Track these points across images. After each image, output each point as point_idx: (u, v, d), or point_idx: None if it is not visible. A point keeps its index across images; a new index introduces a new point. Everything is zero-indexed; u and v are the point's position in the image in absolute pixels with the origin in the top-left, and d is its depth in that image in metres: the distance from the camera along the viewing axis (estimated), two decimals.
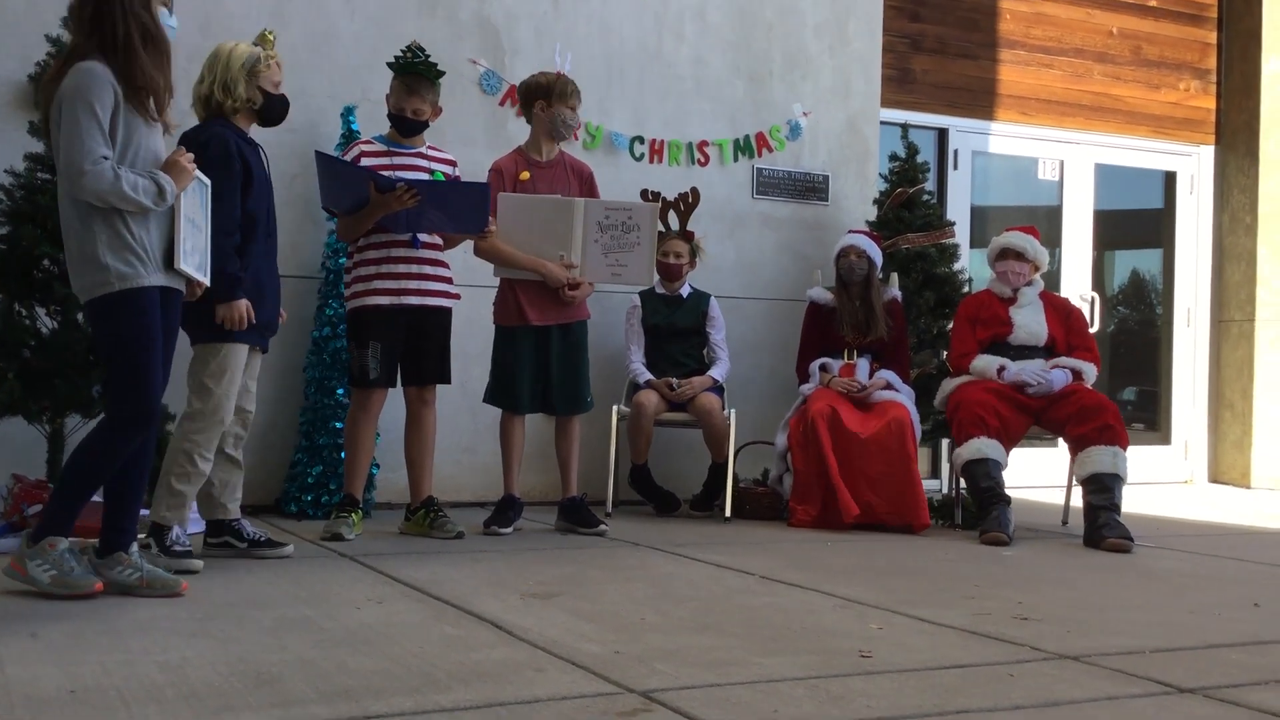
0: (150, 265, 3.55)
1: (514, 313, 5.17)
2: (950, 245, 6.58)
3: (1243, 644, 3.30)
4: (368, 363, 4.88)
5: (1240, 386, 8.48)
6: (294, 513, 5.44)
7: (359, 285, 4.94)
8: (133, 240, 3.51)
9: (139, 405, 3.54)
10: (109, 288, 3.50)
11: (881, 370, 5.88)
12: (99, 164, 3.42)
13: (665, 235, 6.07)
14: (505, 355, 5.21)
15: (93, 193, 3.44)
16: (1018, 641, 3.24)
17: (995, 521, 5.26)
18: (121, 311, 3.52)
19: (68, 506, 3.58)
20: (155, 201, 3.52)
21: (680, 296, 6.12)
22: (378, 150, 4.97)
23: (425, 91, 4.93)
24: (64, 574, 3.49)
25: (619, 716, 2.44)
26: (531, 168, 5.23)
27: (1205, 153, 8.68)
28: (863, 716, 2.48)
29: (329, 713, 2.41)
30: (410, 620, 3.35)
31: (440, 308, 5.00)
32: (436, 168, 5.00)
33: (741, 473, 6.06)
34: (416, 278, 4.93)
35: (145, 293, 3.54)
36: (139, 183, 3.48)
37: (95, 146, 3.42)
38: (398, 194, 4.66)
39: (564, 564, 4.42)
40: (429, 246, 4.96)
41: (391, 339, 4.90)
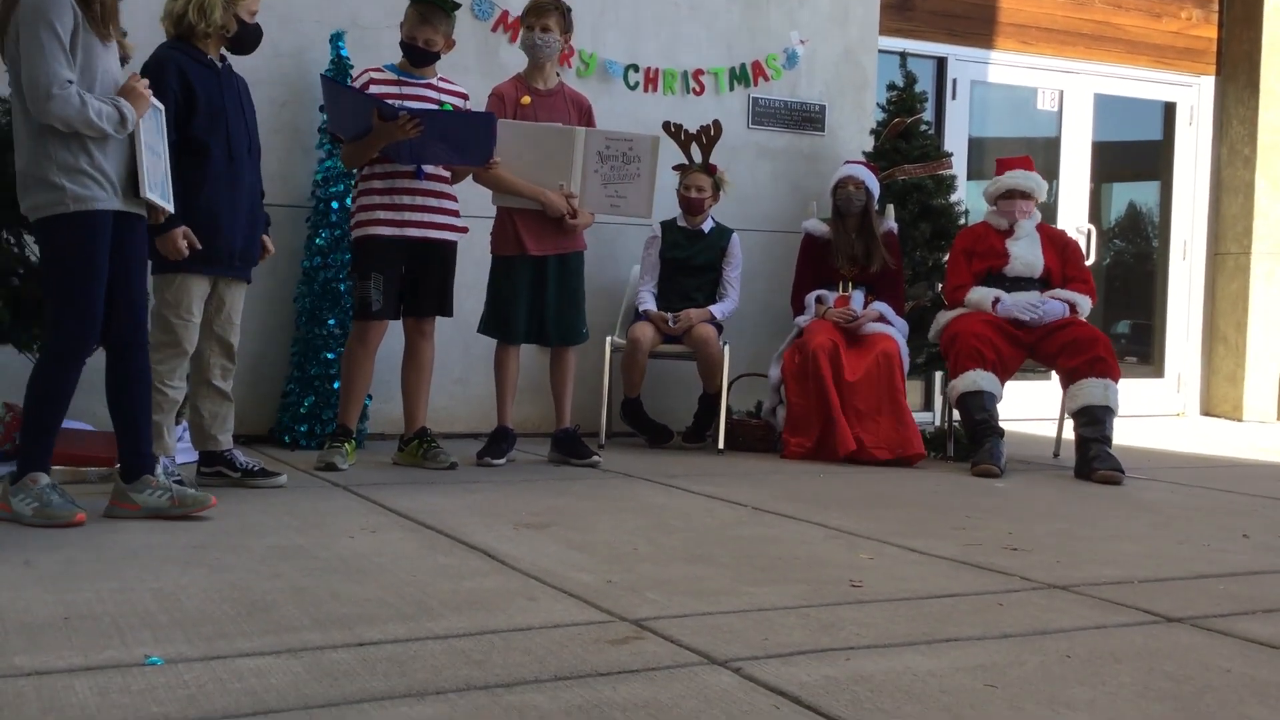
0: (108, 189, 3.52)
1: (512, 242, 5.13)
2: (947, 177, 6.53)
3: (1231, 575, 3.32)
4: (369, 294, 4.85)
5: (1234, 320, 8.47)
6: (287, 443, 5.45)
7: (362, 215, 4.90)
8: (89, 164, 3.48)
9: (76, 331, 3.52)
10: (62, 208, 3.47)
11: (875, 302, 5.86)
12: (65, 89, 3.38)
13: (688, 168, 6.00)
14: (502, 285, 5.18)
15: (59, 118, 3.40)
16: (1007, 571, 3.26)
17: (987, 454, 5.28)
18: (72, 233, 3.49)
19: (36, 440, 3.58)
20: (117, 129, 3.49)
21: (701, 231, 6.05)
22: (388, 79, 4.90)
23: (438, 22, 4.85)
24: (45, 505, 3.50)
25: (611, 644, 2.45)
26: (532, 95, 5.16)
27: (1205, 83, 8.60)
28: (853, 644, 2.50)
29: (323, 639, 2.42)
30: (403, 549, 3.36)
31: (443, 241, 4.96)
32: (446, 99, 4.94)
33: (735, 405, 6.06)
34: (420, 209, 4.88)
35: (99, 216, 3.51)
36: (103, 109, 3.45)
37: (60, 70, 3.38)
38: (400, 123, 4.60)
39: (557, 495, 4.43)
40: (433, 178, 4.91)
41: (394, 270, 4.87)
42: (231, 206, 4.17)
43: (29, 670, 2.18)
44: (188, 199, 4.01)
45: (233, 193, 4.18)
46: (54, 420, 3.59)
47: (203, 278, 4.18)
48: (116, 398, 3.70)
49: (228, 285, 4.30)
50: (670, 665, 2.33)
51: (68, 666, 2.21)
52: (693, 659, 2.37)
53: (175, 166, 3.91)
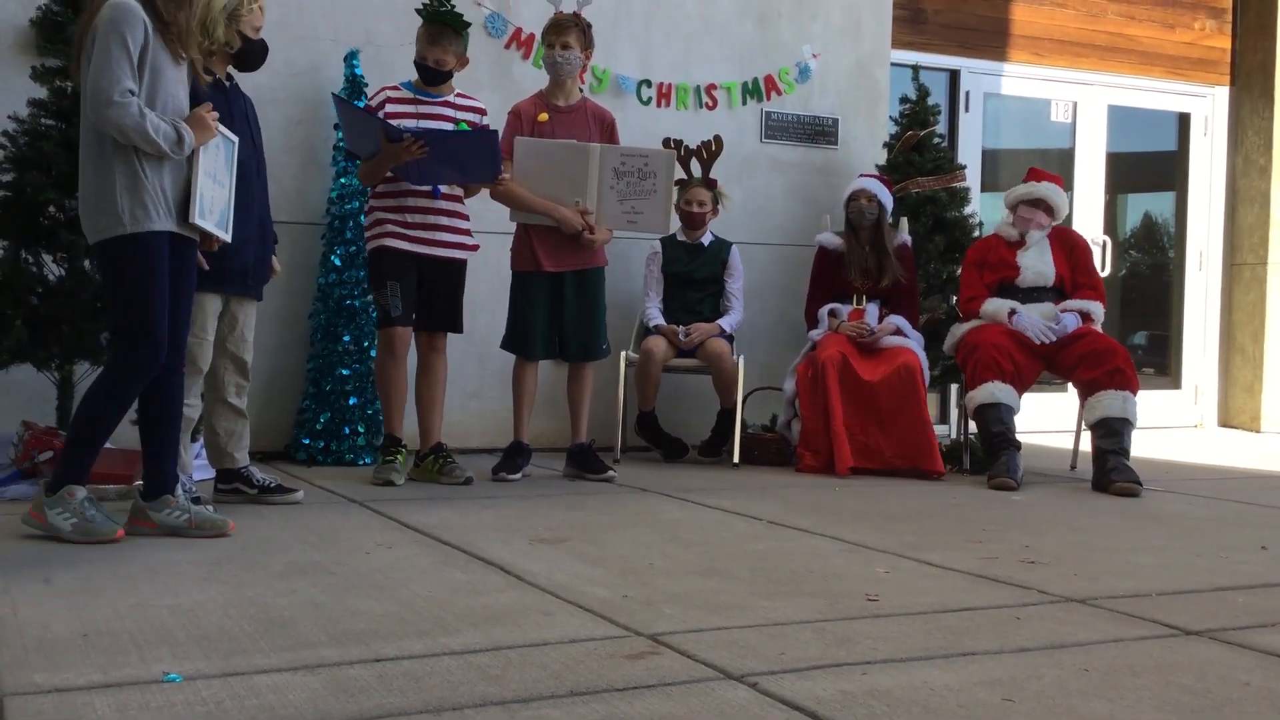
0: (162, 211, 3.56)
1: (529, 259, 5.15)
2: (961, 189, 6.52)
3: (1250, 587, 3.31)
4: (388, 301, 4.89)
5: (1252, 330, 8.43)
6: (303, 460, 5.46)
7: (375, 229, 4.94)
8: (147, 184, 3.52)
9: (144, 348, 3.55)
10: (120, 230, 3.51)
11: (891, 315, 5.85)
12: (126, 97, 3.43)
13: (688, 183, 6.02)
14: (519, 301, 5.20)
15: (116, 125, 3.44)
16: (1025, 585, 3.25)
17: (1004, 466, 5.26)
18: (131, 254, 3.53)
19: (81, 453, 3.61)
20: (173, 149, 3.53)
21: (702, 244, 6.07)
22: (404, 97, 4.94)
23: (448, 42, 4.88)
24: (85, 521, 3.52)
25: (627, 659, 2.45)
26: (550, 111, 5.18)
27: (1220, 94, 8.58)
28: (869, 659, 2.49)
29: (339, 655, 2.43)
30: (419, 565, 3.37)
31: (452, 259, 4.98)
32: (462, 117, 4.97)
33: (750, 418, 6.06)
34: (430, 228, 4.91)
35: (155, 237, 3.55)
36: (161, 126, 3.49)
37: (124, 78, 3.43)
38: (405, 144, 4.63)
39: (572, 510, 4.43)
40: (448, 198, 4.94)
41: (407, 280, 4.90)
42: (242, 225, 4.18)
43: (49, 688, 2.19)
44: None
45: (243, 212, 4.19)
46: (103, 437, 3.62)
47: (215, 296, 4.20)
48: (149, 418, 3.72)
49: (240, 303, 4.32)
50: (686, 680, 2.32)
51: (87, 684, 2.22)
52: (709, 674, 2.37)
53: None
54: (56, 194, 4.48)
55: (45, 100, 4.66)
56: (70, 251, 4.55)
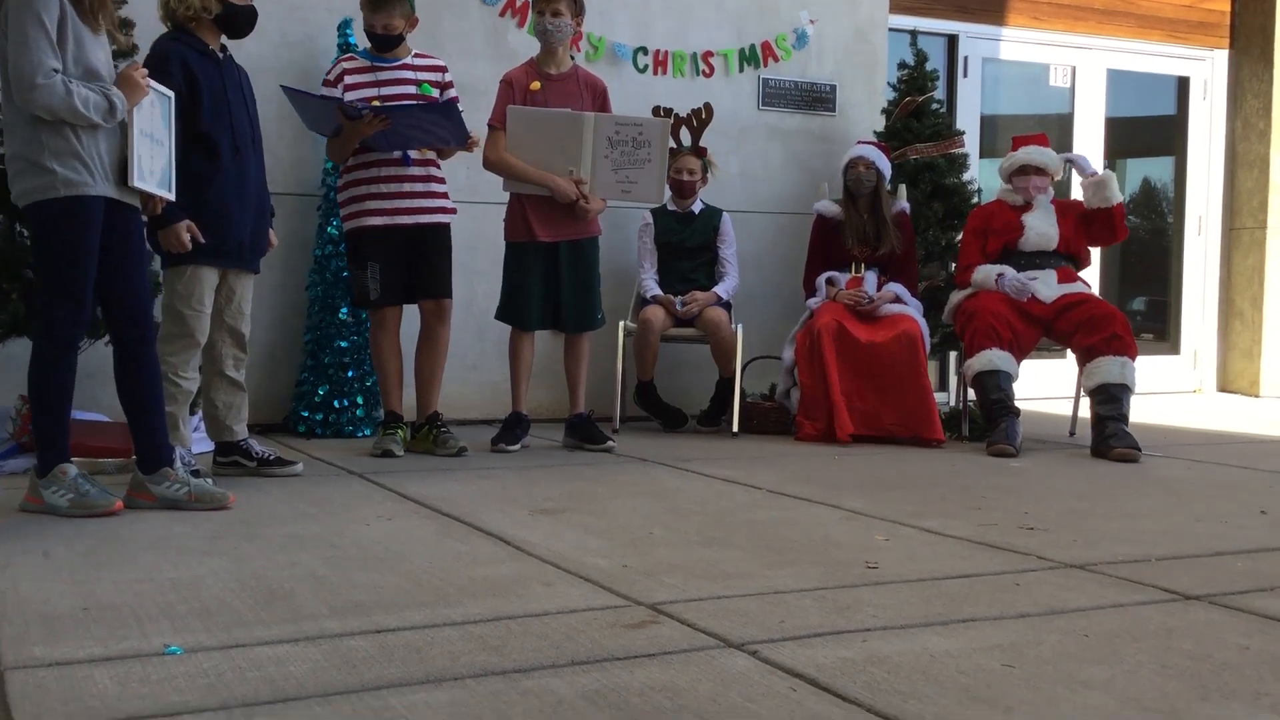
0: (98, 176, 3.51)
1: (523, 229, 5.13)
2: (959, 155, 6.49)
3: (1249, 551, 3.31)
4: (367, 284, 4.87)
5: (1250, 295, 8.42)
6: (302, 432, 5.46)
7: (353, 206, 4.90)
8: (80, 149, 3.47)
9: (67, 317, 3.51)
10: (53, 192, 3.46)
11: (890, 283, 5.84)
12: (50, 78, 3.38)
13: (678, 152, 5.99)
14: (514, 272, 5.18)
15: (44, 107, 3.40)
16: (1024, 551, 3.25)
17: (1003, 433, 5.27)
18: (63, 219, 3.48)
19: (50, 430, 3.59)
20: (105, 118, 3.48)
21: (692, 213, 6.05)
22: (361, 66, 4.90)
23: (391, 6, 4.82)
24: (81, 496, 3.52)
25: (627, 628, 2.46)
26: (542, 79, 5.15)
27: (1219, 57, 8.53)
28: (869, 626, 2.50)
29: (340, 626, 2.43)
30: (419, 536, 3.37)
31: (435, 224, 4.95)
32: (423, 77, 4.92)
33: (748, 388, 6.06)
34: (408, 195, 4.88)
35: (90, 202, 3.50)
36: (90, 98, 3.44)
37: (45, 59, 3.38)
38: (366, 119, 4.60)
39: (571, 480, 4.43)
40: (420, 163, 4.90)
41: (390, 258, 4.87)
42: (239, 198, 4.17)
43: (49, 661, 2.19)
44: (197, 192, 4.01)
45: (239, 184, 4.17)
46: (61, 409, 3.58)
47: (213, 269, 4.18)
48: (127, 392, 3.71)
49: (237, 276, 4.30)
50: (686, 649, 2.33)
51: (88, 657, 2.22)
52: (709, 642, 2.37)
53: (182, 160, 3.91)
54: None
55: None
56: None
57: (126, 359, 3.69)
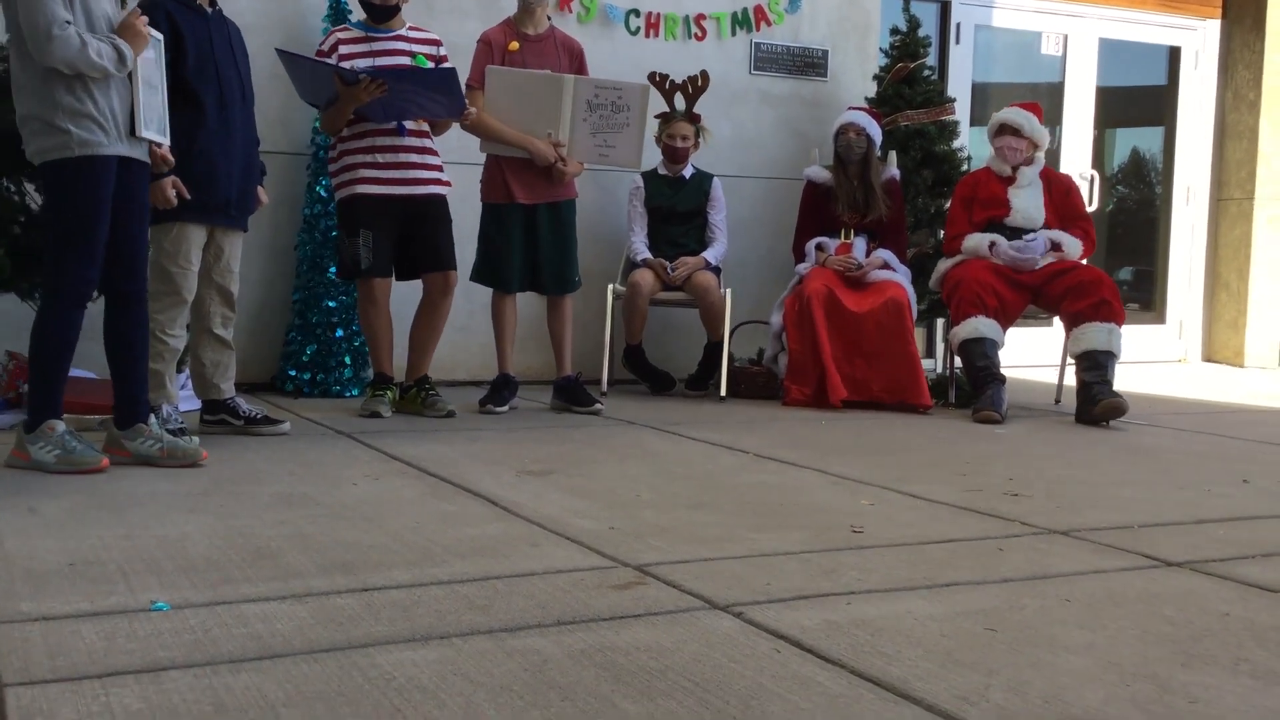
0: (112, 134, 3.53)
1: (501, 190, 5.11)
2: (950, 123, 6.48)
3: (1231, 519, 3.34)
4: (359, 252, 4.84)
5: (1237, 266, 8.45)
6: (290, 390, 5.45)
7: (346, 174, 4.86)
8: (94, 108, 3.48)
9: (79, 274, 3.53)
10: (68, 152, 3.47)
11: (879, 249, 5.84)
12: (65, 29, 3.38)
13: (671, 117, 5.96)
14: (493, 234, 5.17)
15: (61, 59, 3.40)
16: (1008, 517, 3.28)
17: (989, 400, 5.29)
18: (78, 179, 3.49)
19: (45, 387, 3.60)
20: (117, 67, 3.49)
21: (683, 178, 6.03)
22: (355, 37, 4.86)
23: None
24: (68, 452, 3.52)
25: (614, 589, 2.47)
26: (520, 40, 5.11)
27: (1211, 27, 8.50)
28: (853, 589, 2.52)
29: (327, 585, 2.44)
30: (407, 496, 3.37)
31: (432, 195, 4.92)
32: (418, 49, 4.88)
33: (737, 352, 6.06)
34: (403, 166, 4.84)
35: (104, 161, 3.51)
36: (102, 48, 3.45)
37: (58, 11, 3.39)
38: (364, 85, 4.56)
39: (559, 442, 4.44)
40: (415, 134, 4.87)
41: (384, 227, 4.84)
42: (225, 155, 4.14)
43: (36, 616, 2.19)
44: (180, 147, 3.98)
45: (226, 140, 4.14)
46: (60, 367, 3.60)
47: (200, 226, 4.16)
48: (115, 346, 3.71)
49: (225, 234, 4.28)
50: (672, 610, 2.34)
51: (74, 612, 2.22)
52: (695, 604, 2.39)
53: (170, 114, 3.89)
54: None
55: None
56: None
57: (119, 313, 3.69)
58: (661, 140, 5.95)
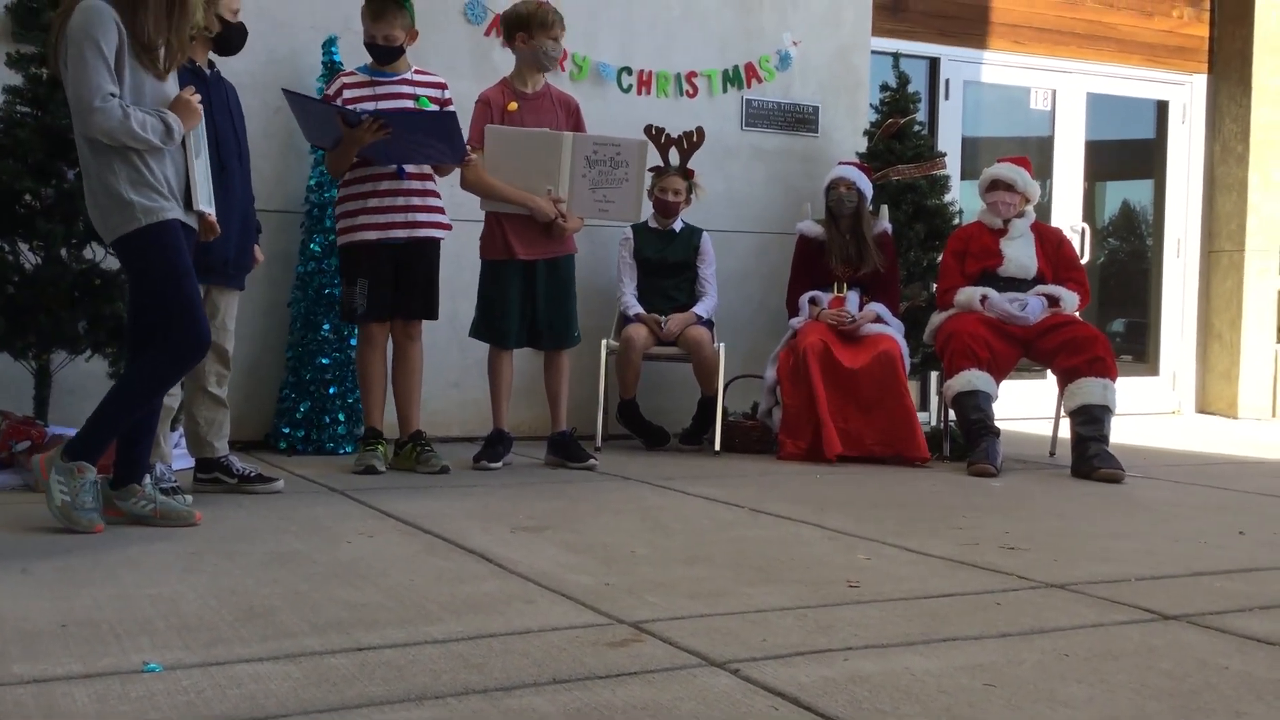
0: (171, 200, 3.59)
1: (501, 247, 5.14)
2: (941, 177, 6.54)
3: (1227, 571, 3.33)
4: (355, 300, 4.89)
5: (1229, 317, 8.49)
6: (283, 449, 5.44)
7: (345, 221, 4.91)
8: (152, 177, 3.54)
9: (193, 331, 3.57)
10: (135, 223, 3.52)
11: (872, 303, 5.86)
12: (107, 101, 3.44)
13: (664, 171, 6.02)
14: (492, 290, 5.19)
15: (102, 130, 3.45)
16: (1005, 571, 3.27)
17: (983, 453, 5.29)
18: (152, 246, 3.54)
19: (105, 432, 3.60)
20: (163, 140, 3.55)
21: (673, 231, 6.08)
22: (360, 81, 4.91)
23: (393, 16, 4.84)
24: (75, 506, 3.51)
25: (610, 647, 2.46)
26: (518, 99, 5.17)
27: (1198, 81, 8.61)
28: (850, 645, 2.50)
29: (321, 644, 2.42)
30: (401, 553, 3.36)
31: (429, 239, 4.96)
32: (422, 93, 4.94)
33: (731, 406, 6.07)
34: (402, 209, 4.89)
35: (171, 225, 3.57)
36: (147, 121, 3.50)
37: (103, 83, 3.44)
38: (366, 126, 4.61)
39: (553, 498, 4.43)
40: (416, 177, 4.91)
41: (381, 272, 4.88)
42: (224, 215, 4.15)
43: (28, 678, 2.17)
44: None
45: (224, 201, 4.16)
46: (130, 420, 3.61)
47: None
48: None
49: (221, 293, 4.30)
50: (669, 667, 2.33)
51: (66, 674, 2.20)
52: (691, 661, 2.37)
53: None
54: (33, 182, 4.44)
55: (20, 87, 4.61)
56: (47, 240, 4.52)
57: None
58: (654, 194, 6.00)
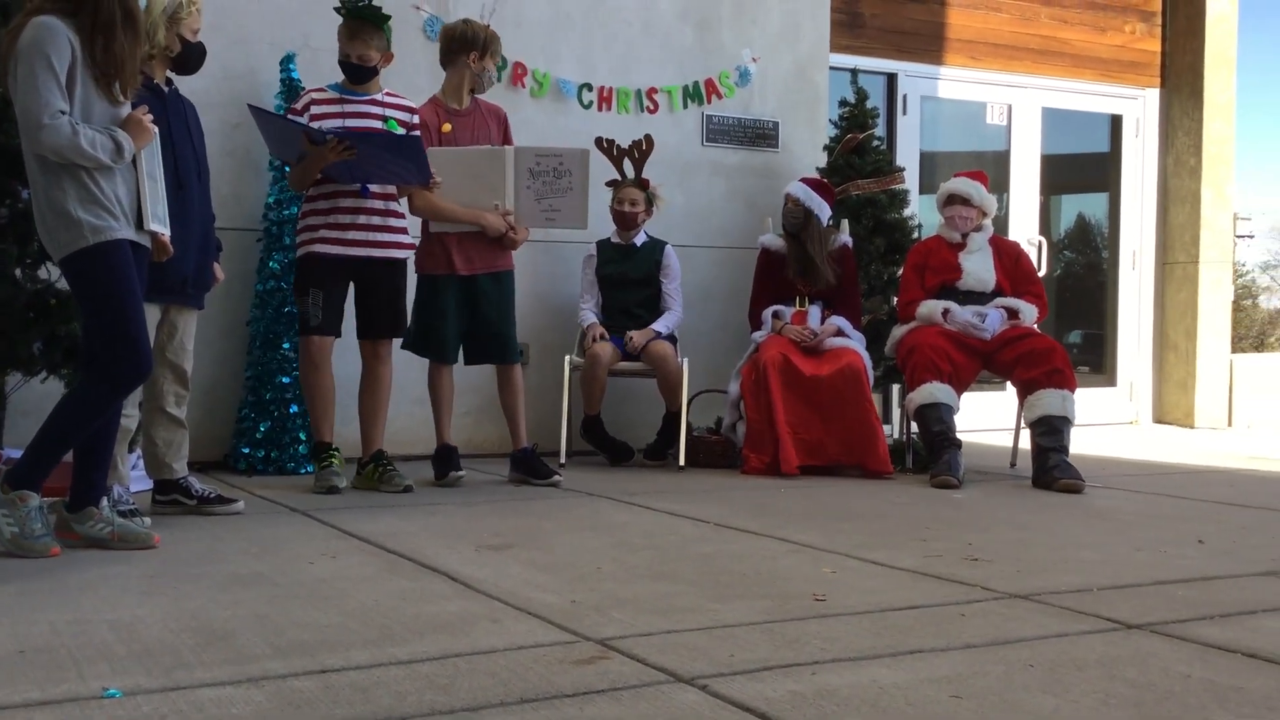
0: (121, 219, 3.53)
1: (442, 262, 5.12)
2: (900, 191, 6.59)
3: (1188, 580, 3.36)
4: (309, 309, 4.85)
5: (1184, 328, 8.60)
6: (243, 469, 5.39)
7: (306, 234, 4.89)
8: (102, 195, 3.49)
9: (133, 355, 3.52)
10: (83, 242, 3.47)
11: (833, 317, 5.89)
12: (56, 118, 3.39)
13: (620, 184, 6.02)
14: (430, 305, 5.16)
15: (50, 147, 3.41)
16: (969, 582, 3.28)
17: (946, 465, 5.32)
18: (99, 265, 3.49)
19: (46, 458, 3.54)
20: (113, 158, 3.50)
21: (635, 245, 6.08)
22: (330, 98, 4.89)
23: (370, 36, 4.83)
24: (25, 535, 3.45)
25: (576, 664, 2.44)
26: (451, 117, 5.16)
27: (1151, 96, 8.74)
28: (818, 659, 2.50)
29: (284, 667, 2.39)
30: (364, 574, 3.33)
31: (390, 259, 4.94)
32: (391, 114, 4.92)
33: (695, 421, 6.07)
34: (363, 228, 4.87)
35: (119, 245, 3.52)
36: (96, 138, 3.45)
37: (53, 100, 3.40)
38: (330, 145, 4.59)
39: (518, 515, 4.41)
40: (380, 196, 4.89)
41: (336, 287, 4.86)
42: (182, 233, 4.11)
43: None
44: None
45: (182, 219, 4.11)
46: (71, 445, 3.56)
47: (154, 305, 4.12)
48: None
49: (179, 312, 4.25)
50: (636, 684, 2.32)
51: (24, 701, 2.16)
52: (659, 677, 2.37)
53: None
54: None
55: None
56: (1, 260, 4.45)
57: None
58: (613, 207, 6.00)
